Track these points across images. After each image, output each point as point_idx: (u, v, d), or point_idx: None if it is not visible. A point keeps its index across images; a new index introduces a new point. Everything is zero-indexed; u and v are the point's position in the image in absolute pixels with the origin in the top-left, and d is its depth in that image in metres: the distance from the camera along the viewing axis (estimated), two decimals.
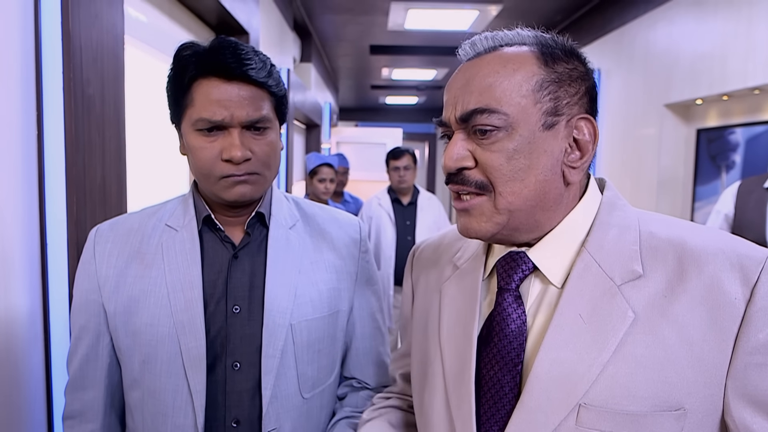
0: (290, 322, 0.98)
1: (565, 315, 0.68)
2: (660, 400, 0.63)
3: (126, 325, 0.96)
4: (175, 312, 0.94)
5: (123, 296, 0.97)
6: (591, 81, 0.74)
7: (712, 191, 3.39)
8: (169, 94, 0.97)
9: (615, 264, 0.69)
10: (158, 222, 1.02)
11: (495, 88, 0.69)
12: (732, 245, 0.67)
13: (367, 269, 1.12)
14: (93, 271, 0.99)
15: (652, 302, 0.66)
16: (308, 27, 5.26)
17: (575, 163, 0.71)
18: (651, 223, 0.72)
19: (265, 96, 0.95)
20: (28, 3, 1.08)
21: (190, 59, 0.93)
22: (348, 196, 4.39)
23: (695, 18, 3.23)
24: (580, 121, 0.71)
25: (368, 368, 1.12)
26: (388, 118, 11.74)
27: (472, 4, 4.50)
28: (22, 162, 1.08)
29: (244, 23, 2.48)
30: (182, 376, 0.94)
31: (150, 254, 0.99)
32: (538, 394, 0.67)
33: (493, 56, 0.72)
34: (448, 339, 0.78)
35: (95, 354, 0.99)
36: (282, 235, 1.02)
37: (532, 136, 0.69)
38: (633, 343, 0.65)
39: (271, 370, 0.96)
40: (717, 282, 0.64)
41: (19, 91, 1.06)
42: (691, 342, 0.63)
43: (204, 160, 0.93)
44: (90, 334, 0.99)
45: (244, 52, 0.93)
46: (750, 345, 0.62)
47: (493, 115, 0.68)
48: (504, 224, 0.71)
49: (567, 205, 0.73)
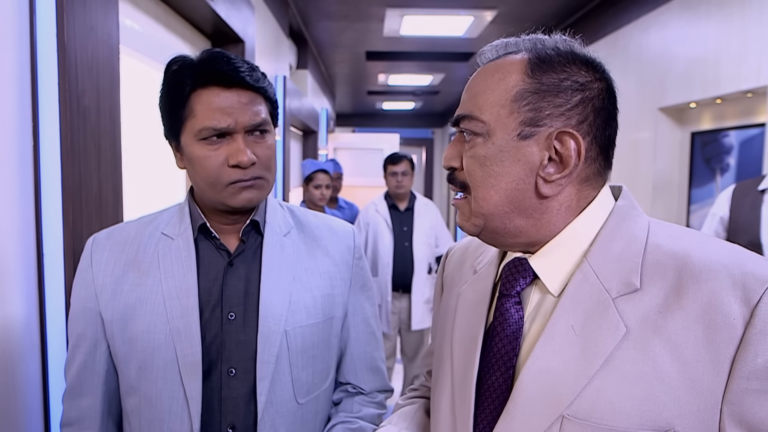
0: (285, 328, 0.99)
1: (558, 325, 0.68)
2: (647, 419, 0.61)
3: (123, 332, 0.97)
4: (171, 319, 0.96)
5: (120, 304, 0.98)
6: (591, 92, 0.70)
7: (707, 194, 3.40)
8: (163, 110, 0.99)
9: (613, 276, 0.67)
10: (154, 230, 1.03)
11: (480, 97, 0.72)
12: (739, 261, 0.63)
13: (361, 276, 1.13)
14: (90, 279, 1.00)
15: (646, 317, 0.64)
16: (304, 34, 5.27)
17: (551, 177, 0.69)
18: (661, 234, 0.70)
19: (261, 100, 0.98)
20: (23, 14, 1.09)
21: (184, 72, 0.95)
22: (343, 202, 4.39)
23: (688, 22, 3.25)
24: (563, 135, 0.68)
25: (363, 373, 1.13)
26: (384, 123, 11.76)
27: (466, 10, 4.53)
28: (19, 172, 1.08)
29: (240, 31, 2.49)
30: (178, 382, 0.95)
31: (146, 262, 1.00)
32: (522, 402, 0.67)
33: (492, 65, 0.74)
34: (458, 341, 0.80)
35: (92, 362, 1.00)
36: (277, 242, 1.03)
37: (506, 144, 0.69)
38: (622, 358, 0.63)
39: (266, 376, 0.97)
40: (715, 300, 0.61)
41: (15, 102, 1.07)
42: (684, 362, 0.61)
43: (210, 168, 0.94)
44: (87, 342, 1.00)
45: (236, 60, 0.96)
46: (747, 369, 0.59)
47: (473, 121, 0.72)
48: (482, 226, 0.74)
49: (561, 214, 0.71)
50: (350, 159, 7.00)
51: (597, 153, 0.71)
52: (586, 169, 0.71)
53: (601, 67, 0.73)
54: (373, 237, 3.54)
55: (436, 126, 12.22)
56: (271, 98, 1.01)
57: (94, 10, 1.22)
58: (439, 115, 11.85)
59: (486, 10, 4.48)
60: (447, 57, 6.28)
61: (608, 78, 0.73)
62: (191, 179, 1.00)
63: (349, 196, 5.33)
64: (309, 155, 6.05)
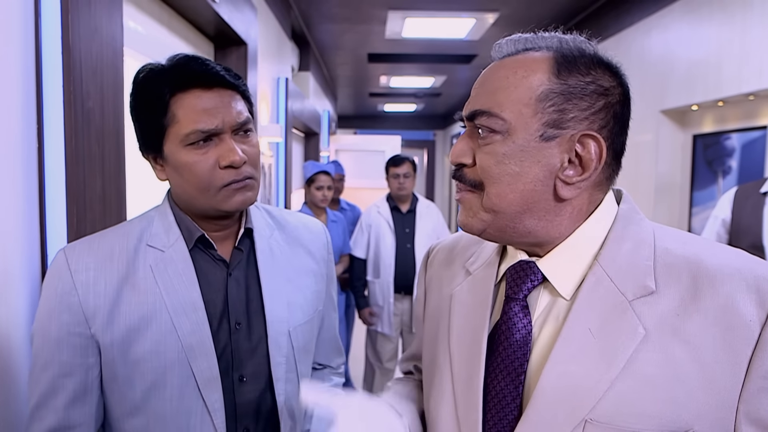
0: (288, 329, 1.03)
1: (574, 328, 0.67)
2: (668, 420, 0.62)
3: (125, 354, 0.92)
4: (183, 336, 0.93)
5: (119, 327, 0.92)
6: (614, 97, 0.70)
7: (708, 196, 3.40)
8: (139, 121, 0.95)
9: (627, 279, 0.67)
10: (138, 243, 0.97)
11: (500, 93, 0.69)
12: (750, 266, 0.65)
13: (331, 269, 1.19)
14: (76, 303, 0.92)
15: (663, 320, 0.64)
16: (306, 36, 5.29)
17: (570, 179, 0.69)
18: (667, 238, 0.71)
19: (240, 98, 0.97)
20: (28, 17, 1.09)
21: (158, 79, 0.92)
22: (345, 204, 4.40)
23: (690, 25, 3.25)
24: (585, 138, 0.68)
25: (331, 354, 1.24)
26: (386, 125, 11.78)
27: (469, 12, 4.53)
28: (23, 175, 1.09)
29: (242, 34, 2.50)
30: (196, 397, 0.94)
31: (140, 279, 0.94)
32: (543, 408, 0.67)
33: (511, 60, 0.71)
34: (457, 345, 0.78)
35: (87, 389, 0.94)
36: (266, 247, 1.05)
37: (527, 144, 0.68)
38: (643, 360, 0.64)
39: (281, 377, 1.01)
40: (732, 303, 0.62)
41: (20, 104, 1.07)
42: (703, 363, 0.62)
43: (201, 173, 0.92)
44: (78, 369, 0.93)
45: (209, 61, 0.95)
46: (764, 369, 0.60)
47: (492, 118, 0.69)
48: (489, 222, 0.72)
49: (572, 217, 0.71)
50: (352, 161, 7.01)
51: (611, 158, 0.71)
52: (601, 173, 0.71)
53: (621, 73, 0.72)
54: (375, 239, 3.54)
55: (438, 128, 12.23)
56: (248, 97, 1.00)
57: (98, 13, 1.22)
58: (440, 117, 11.86)
59: (488, 12, 4.48)
60: (449, 59, 6.29)
61: (626, 84, 0.73)
62: (177, 189, 0.96)
63: (351, 197, 5.33)
64: (311, 157, 6.06)
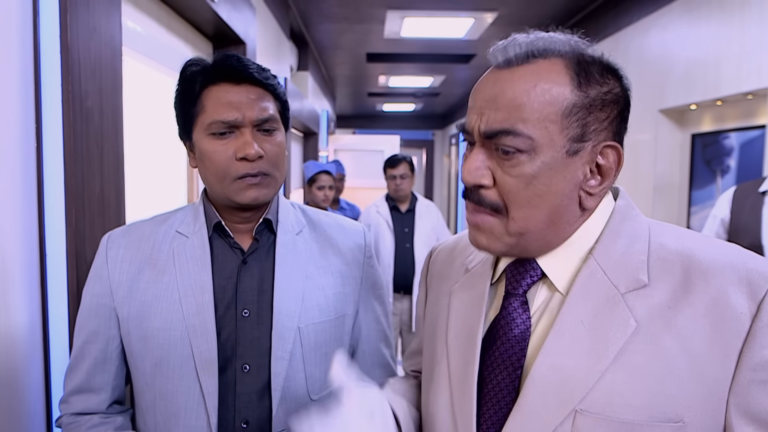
0: (298, 325, 1.02)
1: (567, 321, 0.68)
2: (658, 411, 0.63)
3: (138, 329, 0.99)
4: (187, 316, 0.98)
5: (136, 301, 1.00)
6: (622, 103, 0.71)
7: (707, 196, 3.41)
8: (177, 108, 1.02)
9: (621, 272, 0.68)
10: (169, 229, 1.05)
11: (523, 110, 0.66)
12: (742, 259, 0.66)
13: (371, 274, 1.15)
14: (105, 275, 1.01)
15: (655, 312, 0.65)
16: (305, 36, 5.28)
17: (593, 189, 0.70)
18: (662, 234, 0.71)
19: (270, 98, 1.01)
20: (26, 16, 1.09)
21: (197, 72, 0.99)
22: (344, 203, 4.40)
23: (688, 24, 3.25)
24: (606, 148, 0.69)
25: (374, 370, 1.14)
26: (385, 125, 11.77)
27: (467, 12, 4.53)
28: (22, 174, 1.08)
29: (241, 33, 2.49)
30: (194, 378, 0.97)
31: (162, 260, 1.02)
32: (534, 398, 0.68)
33: (525, 71, 0.68)
34: (454, 341, 0.79)
35: (106, 358, 1.02)
36: (289, 241, 1.06)
37: (554, 162, 0.67)
38: (633, 351, 0.64)
39: (281, 372, 1.00)
40: (723, 295, 0.63)
41: (19, 104, 1.07)
42: (694, 355, 0.63)
43: (219, 162, 0.97)
44: (101, 338, 1.01)
45: (246, 59, 1.00)
46: (754, 361, 0.61)
47: (518, 138, 0.66)
48: (513, 245, 0.71)
49: (580, 221, 0.73)
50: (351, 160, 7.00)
51: None
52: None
53: (625, 76, 0.73)
54: (375, 238, 3.54)
55: (437, 128, 12.23)
56: (280, 97, 1.03)
57: (96, 12, 1.22)
58: (439, 117, 11.85)
59: (486, 12, 4.48)
60: (447, 59, 6.29)
61: (627, 87, 0.73)
62: (202, 177, 1.02)
63: (350, 197, 5.33)
64: (309, 157, 6.05)
